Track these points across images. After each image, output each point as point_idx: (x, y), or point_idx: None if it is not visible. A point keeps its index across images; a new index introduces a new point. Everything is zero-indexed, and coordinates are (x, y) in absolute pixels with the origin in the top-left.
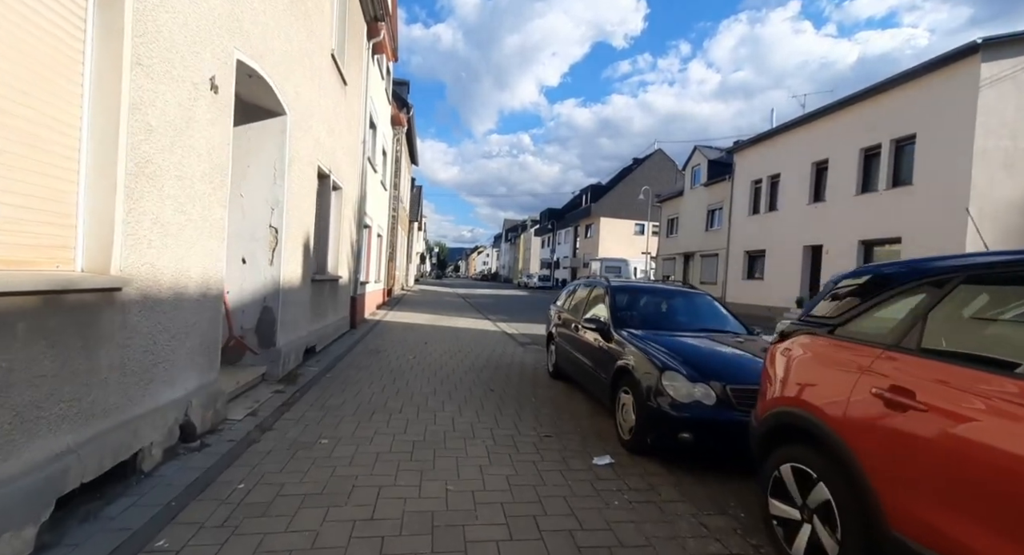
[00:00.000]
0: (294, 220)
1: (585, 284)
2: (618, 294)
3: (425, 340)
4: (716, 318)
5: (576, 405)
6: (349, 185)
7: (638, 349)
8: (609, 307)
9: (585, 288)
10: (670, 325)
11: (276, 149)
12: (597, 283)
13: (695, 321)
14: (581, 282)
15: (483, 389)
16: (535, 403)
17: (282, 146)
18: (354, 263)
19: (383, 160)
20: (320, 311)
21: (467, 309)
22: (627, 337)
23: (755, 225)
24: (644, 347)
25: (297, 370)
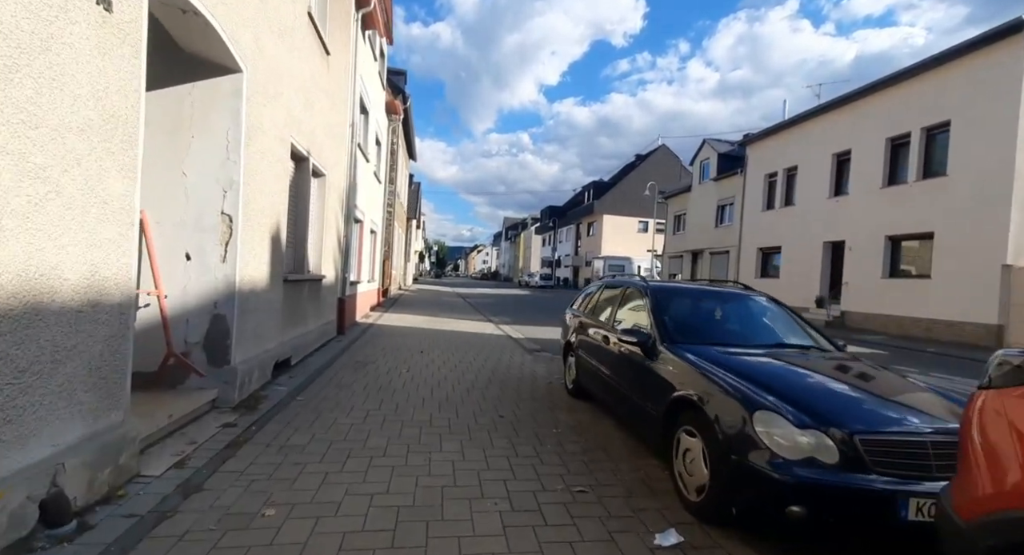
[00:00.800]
0: (257, 207)
1: (610, 285)
2: (661, 298)
3: (421, 348)
4: (788, 328)
5: (609, 437)
6: (335, 172)
7: (704, 374)
8: (652, 314)
9: (611, 290)
10: (732, 338)
11: (229, 116)
12: (629, 284)
13: (762, 333)
14: (604, 282)
15: (491, 414)
16: (557, 435)
17: (237, 112)
18: (342, 261)
19: (377, 150)
20: (297, 317)
21: (467, 310)
22: (684, 356)
23: (770, 220)
24: (712, 372)
25: (261, 391)
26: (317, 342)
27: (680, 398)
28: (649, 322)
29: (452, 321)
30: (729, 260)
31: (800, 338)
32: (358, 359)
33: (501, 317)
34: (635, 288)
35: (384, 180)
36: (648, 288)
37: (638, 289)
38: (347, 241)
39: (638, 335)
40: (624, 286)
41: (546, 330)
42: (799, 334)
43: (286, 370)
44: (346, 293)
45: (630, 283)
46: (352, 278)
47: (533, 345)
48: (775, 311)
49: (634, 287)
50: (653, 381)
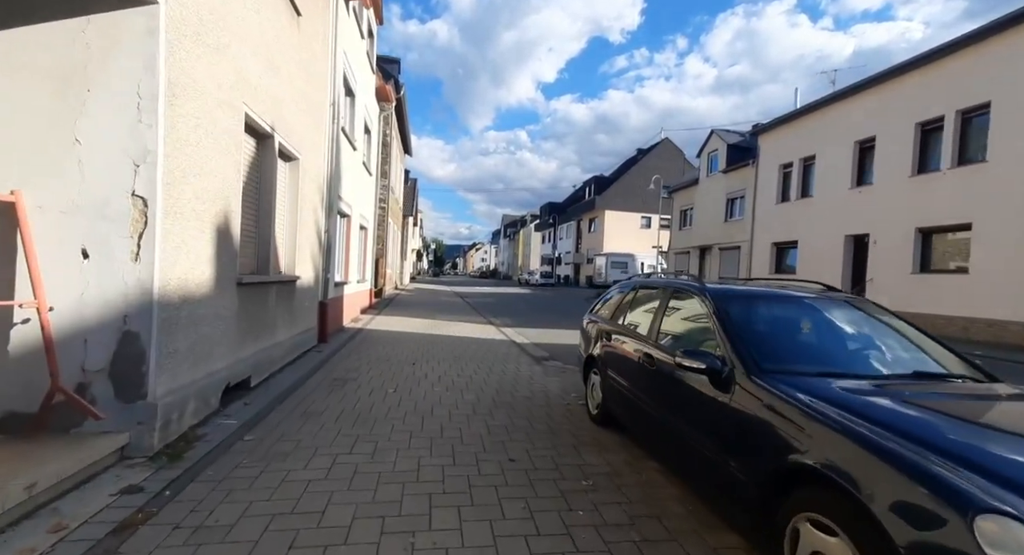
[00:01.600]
0: (191, 189)
1: (646, 286)
2: (732, 306)
3: (414, 359)
4: (915, 347)
5: (660, 495)
6: (312, 157)
7: (838, 428)
8: (722, 330)
9: (648, 292)
10: (845, 365)
11: (141, 63)
12: (675, 285)
13: (885, 355)
14: (636, 282)
15: (498, 457)
16: (589, 494)
17: (152, 59)
18: (323, 259)
19: (366, 139)
20: (260, 327)
21: (466, 311)
22: (790, 395)
23: (784, 214)
24: (853, 425)
25: (200, 428)
26: (290, 355)
27: (802, 468)
28: (719, 340)
29: (450, 324)
30: (740, 256)
31: (938, 362)
32: (336, 375)
33: (503, 319)
34: (686, 291)
35: (376, 173)
36: (708, 292)
37: (691, 293)
38: (329, 237)
39: (706, 359)
40: (668, 288)
41: (553, 333)
42: (933, 355)
43: (243, 393)
44: (329, 296)
45: (677, 285)
46: (337, 279)
47: (540, 352)
48: (888, 321)
49: (684, 290)
50: (736, 429)
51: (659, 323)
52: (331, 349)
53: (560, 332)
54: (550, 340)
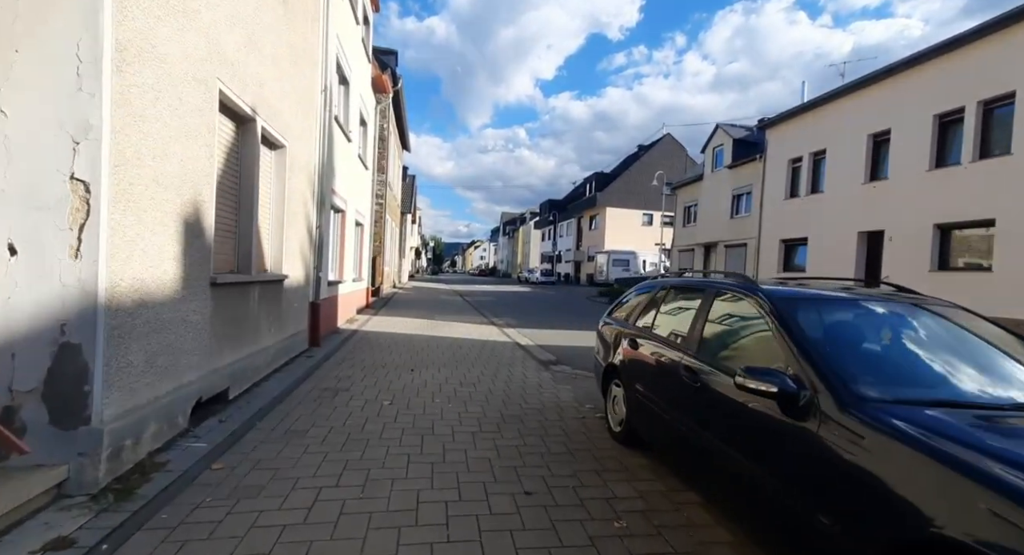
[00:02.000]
0: (149, 173)
1: (681, 287)
2: (801, 314)
3: (413, 364)
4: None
5: (708, 537)
6: (301, 146)
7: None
8: (793, 344)
9: (684, 294)
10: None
11: (79, 18)
12: (719, 286)
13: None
14: (665, 282)
15: (511, 489)
16: (624, 538)
17: (94, 14)
18: (314, 257)
19: (362, 132)
20: (240, 332)
21: (466, 310)
22: (912, 439)
23: (794, 210)
24: None
25: (161, 453)
26: (277, 361)
27: (960, 547)
28: (788, 356)
29: (450, 325)
30: (747, 253)
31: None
32: (327, 385)
33: (504, 318)
34: (733, 293)
35: (372, 167)
36: (765, 294)
37: (741, 295)
38: (321, 233)
39: (776, 380)
40: (709, 290)
41: (558, 334)
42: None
43: (220, 408)
44: (321, 296)
45: (721, 285)
46: (331, 277)
47: (546, 355)
48: (988, 331)
49: (732, 292)
50: (828, 473)
51: (700, 331)
52: (323, 353)
53: (565, 333)
54: (556, 342)
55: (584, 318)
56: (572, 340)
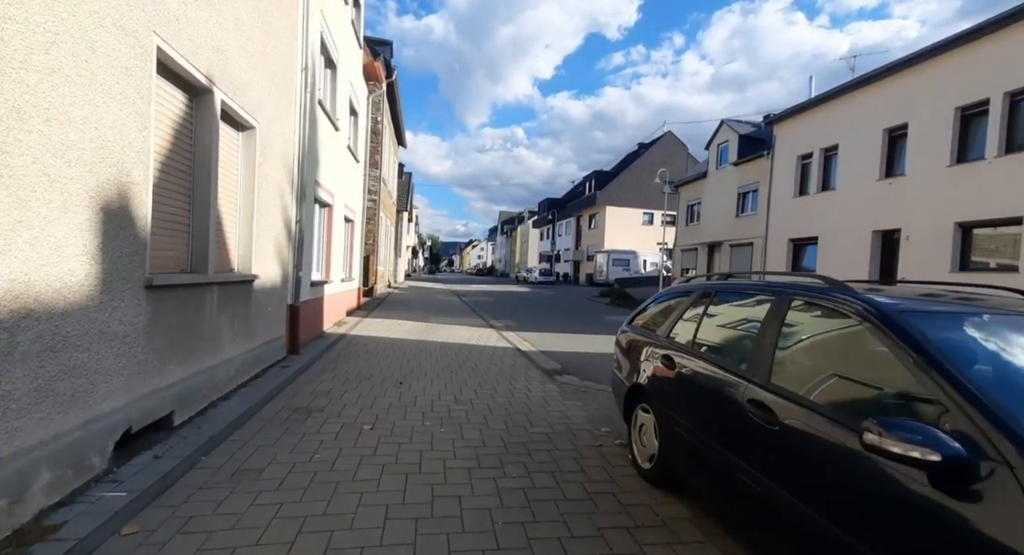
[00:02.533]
0: (41, 139)
1: (732, 290)
2: (955, 341)
3: (402, 376)
4: None
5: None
6: (275, 127)
7: None
8: (960, 392)
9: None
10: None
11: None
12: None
13: None
14: (708, 285)
15: None
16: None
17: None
18: (294, 254)
19: (352, 122)
20: (192, 343)
21: (463, 312)
22: None
23: (803, 208)
24: None
25: (59, 511)
26: (245, 374)
27: None
28: (946, 402)
29: (445, 328)
30: (753, 253)
31: None
32: (300, 403)
33: (503, 320)
34: (821, 302)
35: (364, 160)
36: (879, 308)
37: (837, 306)
38: (302, 228)
39: (936, 442)
40: (781, 298)
41: (561, 339)
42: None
43: (160, 438)
44: (302, 298)
45: (797, 290)
46: (315, 277)
47: (551, 363)
48: None
49: (818, 300)
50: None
51: (771, 352)
52: (302, 363)
53: (569, 338)
54: (559, 347)
55: (586, 320)
56: (576, 345)
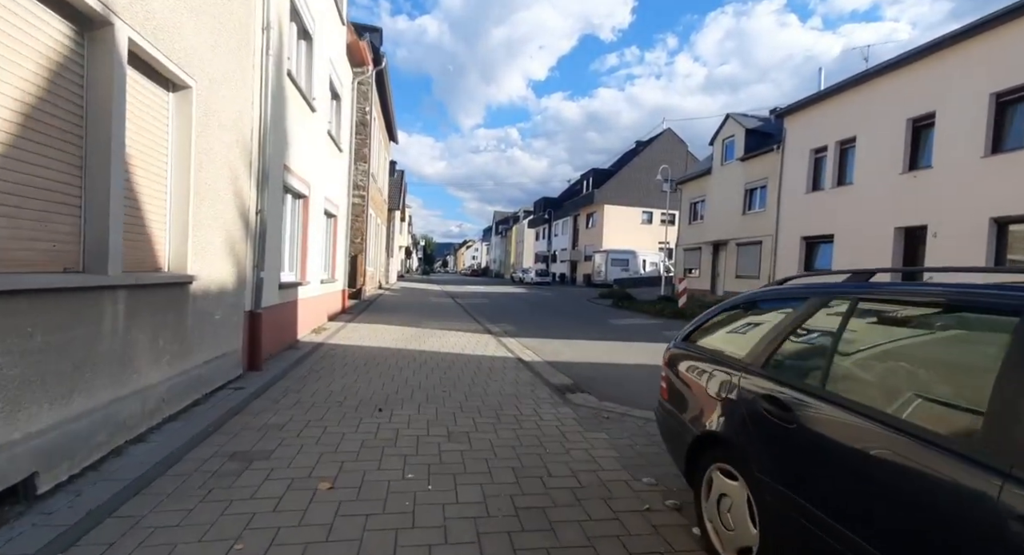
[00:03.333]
0: None
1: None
2: None
3: (384, 399)
4: None
5: None
6: (223, 91)
7: None
8: None
9: (926, 312)
10: None
11: None
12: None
13: None
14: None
15: None
16: None
17: None
18: (253, 250)
19: (335, 107)
20: (82, 369)
21: (458, 315)
22: None
23: (817, 204)
24: None
25: None
26: (176, 403)
27: None
28: None
29: (439, 334)
30: (762, 252)
31: None
32: (239, 447)
33: (501, 324)
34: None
35: (349, 151)
36: None
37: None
38: (264, 219)
39: None
40: (998, 307)
41: (566, 346)
42: None
43: (10, 517)
44: (266, 302)
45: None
46: (286, 278)
47: (560, 377)
48: None
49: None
50: None
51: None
52: (262, 382)
53: (574, 345)
54: (565, 356)
55: (590, 324)
56: (583, 353)
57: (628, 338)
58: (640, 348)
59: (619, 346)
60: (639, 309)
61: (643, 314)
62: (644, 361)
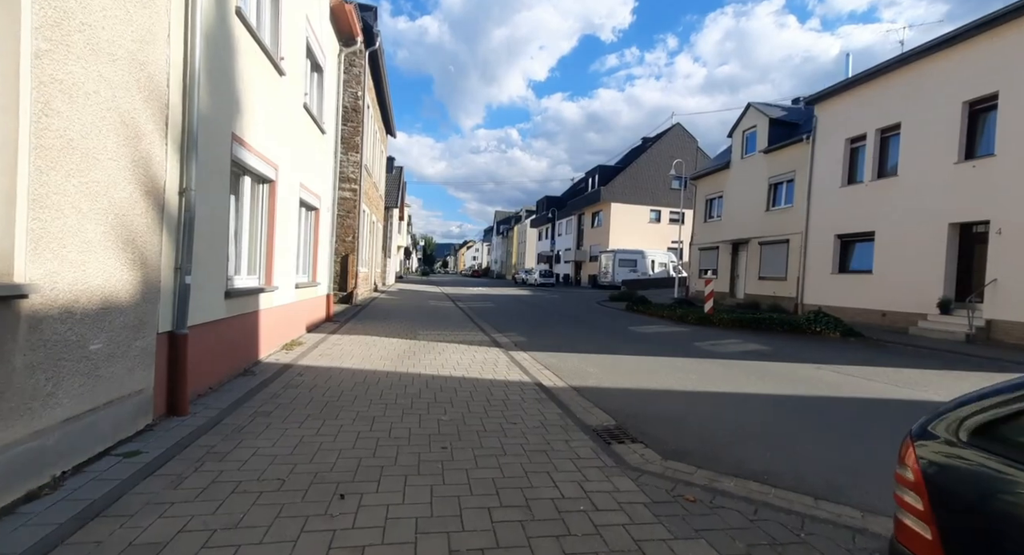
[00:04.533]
0: None
1: None
2: None
3: (350, 472)
4: None
5: None
6: (111, 2)
7: None
8: None
9: None
10: None
11: None
12: None
13: None
14: None
15: None
16: None
17: None
18: (175, 245)
19: (316, 81)
20: None
21: (459, 321)
22: None
23: (854, 198)
24: None
25: None
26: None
27: None
28: None
29: (437, 348)
30: (789, 251)
31: None
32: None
33: (509, 333)
34: None
35: (335, 135)
36: None
37: None
38: (191, 202)
39: None
40: None
41: (588, 363)
42: None
43: None
44: (196, 319)
45: None
46: (242, 284)
47: (596, 414)
48: None
49: None
50: None
51: None
52: (174, 440)
53: (597, 361)
54: (593, 377)
55: (607, 332)
56: (614, 373)
57: (658, 351)
58: (678, 366)
59: (652, 363)
60: (658, 314)
61: (664, 320)
62: (693, 386)
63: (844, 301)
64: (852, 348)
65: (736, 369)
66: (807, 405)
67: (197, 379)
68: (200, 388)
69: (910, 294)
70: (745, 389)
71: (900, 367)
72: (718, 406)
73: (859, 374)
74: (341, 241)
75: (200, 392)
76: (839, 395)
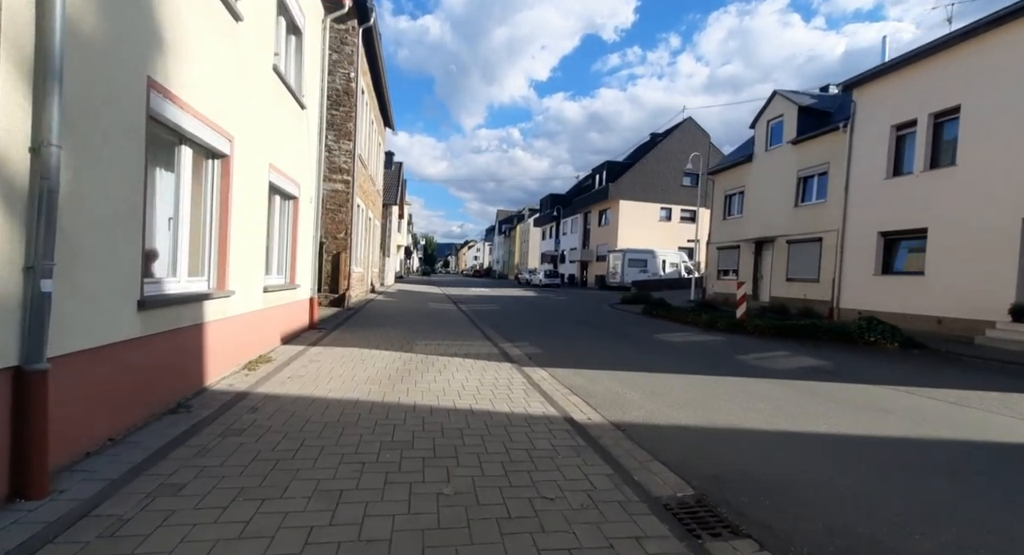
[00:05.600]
0: None
1: None
2: None
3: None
4: None
5: None
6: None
7: None
8: None
9: None
10: None
11: None
12: None
13: None
14: None
15: None
16: None
17: None
18: (27, 234)
19: (294, 43)
20: None
21: (463, 327)
22: None
23: (901, 191)
24: None
25: None
26: None
27: None
28: None
29: (437, 365)
30: (822, 250)
31: None
32: None
33: (520, 342)
34: None
35: (319, 113)
36: None
37: None
38: (56, 165)
39: None
40: None
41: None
42: None
43: None
44: (78, 343)
45: None
46: (176, 288)
47: (665, 475)
48: None
49: None
50: None
51: None
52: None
53: (634, 379)
54: (636, 408)
55: (631, 340)
56: (660, 400)
57: (699, 367)
58: (732, 389)
59: (698, 384)
60: (681, 319)
61: (689, 326)
62: (768, 421)
63: (889, 306)
64: (921, 363)
65: (807, 395)
66: (948, 455)
67: (83, 431)
68: (92, 443)
69: (973, 299)
70: (841, 428)
71: (1007, 391)
72: (819, 456)
73: (964, 401)
74: (332, 238)
75: (91, 448)
76: (969, 438)
